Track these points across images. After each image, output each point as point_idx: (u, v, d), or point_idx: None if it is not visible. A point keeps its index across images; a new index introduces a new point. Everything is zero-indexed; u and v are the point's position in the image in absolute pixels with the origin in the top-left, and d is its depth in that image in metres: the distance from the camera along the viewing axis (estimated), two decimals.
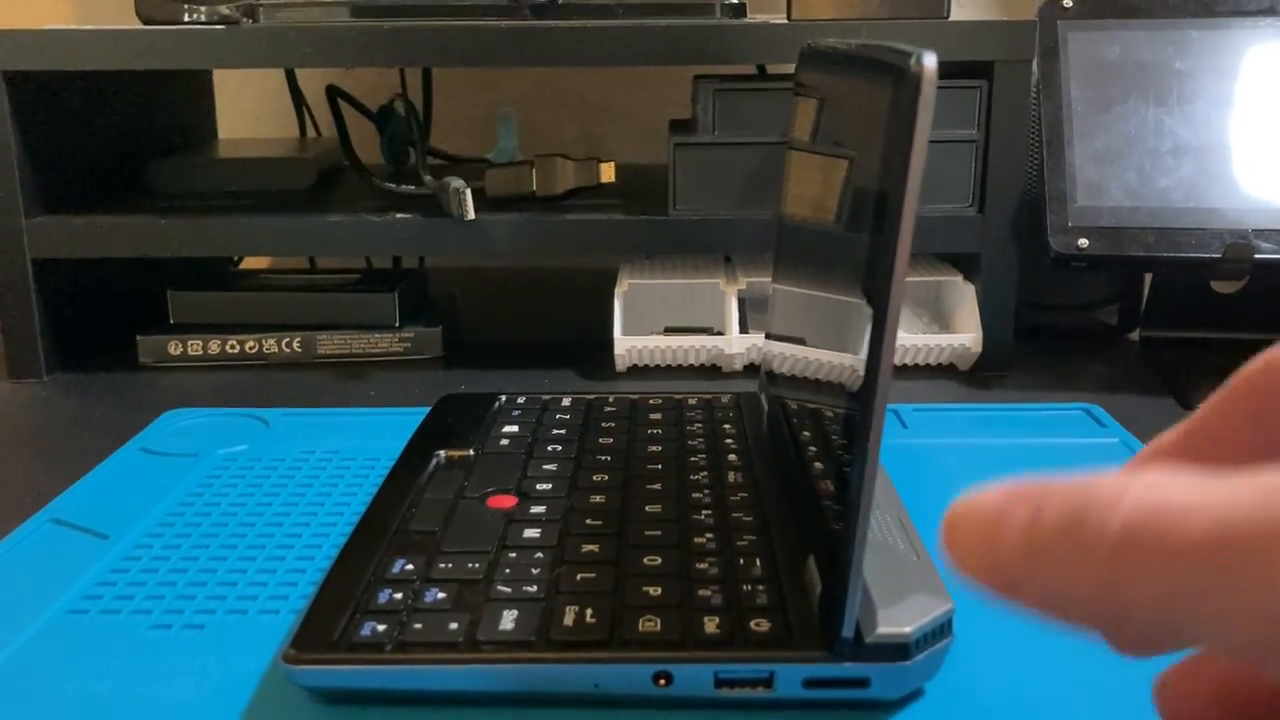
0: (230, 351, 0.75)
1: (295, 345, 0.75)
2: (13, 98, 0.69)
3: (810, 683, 0.34)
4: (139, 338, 0.75)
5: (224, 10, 0.76)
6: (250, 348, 0.75)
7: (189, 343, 0.74)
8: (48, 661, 0.38)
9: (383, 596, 0.38)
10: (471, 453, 0.51)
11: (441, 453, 0.51)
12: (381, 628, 0.36)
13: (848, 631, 0.33)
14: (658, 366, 0.73)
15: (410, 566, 0.40)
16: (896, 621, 0.34)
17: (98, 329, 0.77)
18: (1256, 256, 0.64)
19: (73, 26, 0.71)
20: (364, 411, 0.63)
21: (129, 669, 0.37)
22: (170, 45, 0.68)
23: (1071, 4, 0.69)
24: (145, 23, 0.75)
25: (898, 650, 0.34)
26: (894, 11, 0.68)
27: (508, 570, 0.39)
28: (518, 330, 0.86)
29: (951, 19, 0.69)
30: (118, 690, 0.36)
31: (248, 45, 0.68)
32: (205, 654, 0.38)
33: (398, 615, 0.37)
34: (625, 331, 0.71)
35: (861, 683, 0.34)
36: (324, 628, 0.36)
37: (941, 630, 0.34)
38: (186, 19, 0.77)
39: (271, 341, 0.75)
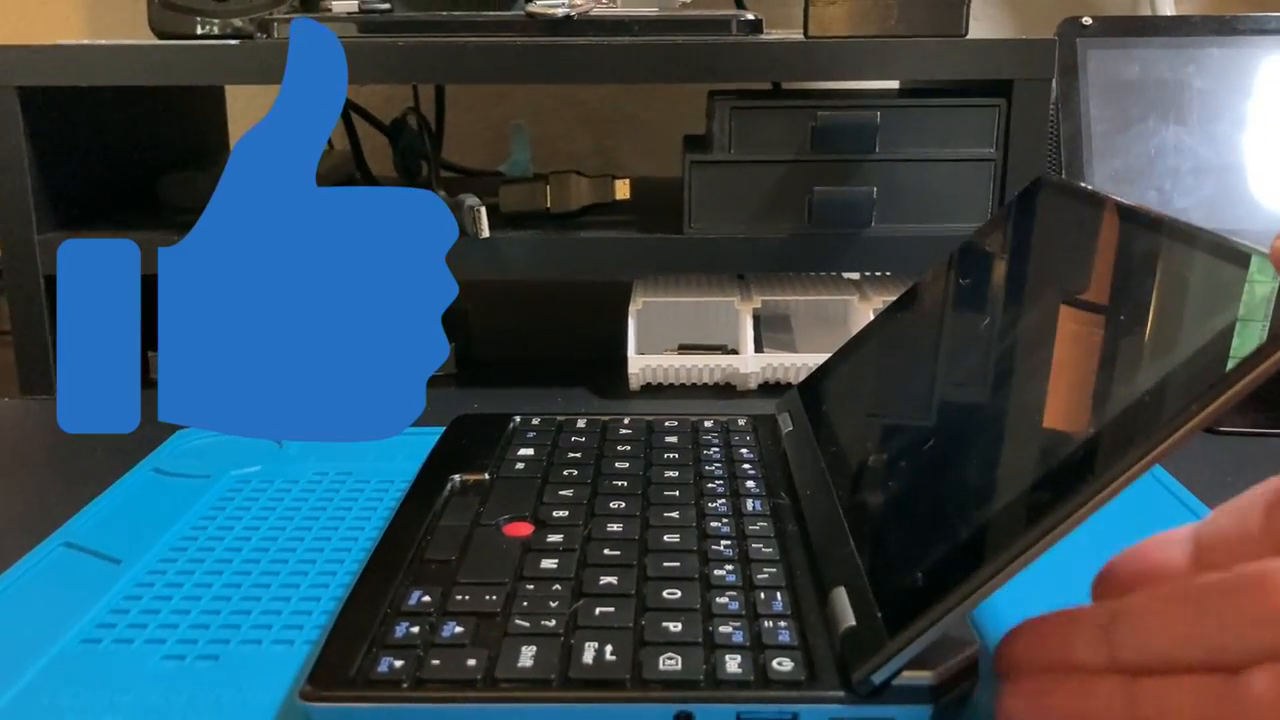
0: None
1: None
2: (25, 113, 0.68)
3: None
4: (149, 354, 0.74)
5: (237, 24, 0.76)
6: None
7: None
8: (62, 693, 0.37)
9: (399, 630, 0.37)
10: (487, 476, 0.51)
11: (456, 477, 0.50)
12: (399, 663, 0.35)
13: (879, 678, 0.33)
14: (671, 385, 0.73)
15: (427, 598, 0.39)
16: (923, 663, 0.33)
17: None
18: None
19: (85, 41, 0.70)
20: None
21: (143, 702, 0.37)
22: (183, 61, 0.68)
23: (1091, 22, 0.68)
24: (158, 36, 0.75)
25: (924, 692, 0.33)
26: (912, 29, 0.68)
27: (525, 603, 0.39)
28: (530, 347, 0.85)
29: (970, 37, 0.68)
30: None
31: (261, 60, 0.68)
32: (220, 686, 0.38)
33: (415, 650, 0.36)
34: (639, 349, 0.71)
35: None
36: (341, 663, 0.35)
37: (967, 671, 0.34)
38: (199, 32, 0.76)
39: None
